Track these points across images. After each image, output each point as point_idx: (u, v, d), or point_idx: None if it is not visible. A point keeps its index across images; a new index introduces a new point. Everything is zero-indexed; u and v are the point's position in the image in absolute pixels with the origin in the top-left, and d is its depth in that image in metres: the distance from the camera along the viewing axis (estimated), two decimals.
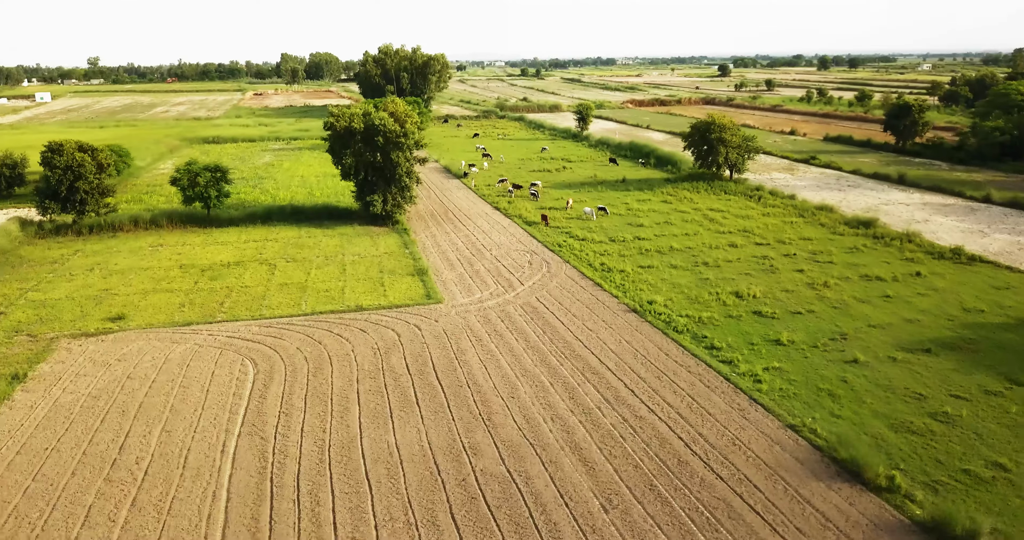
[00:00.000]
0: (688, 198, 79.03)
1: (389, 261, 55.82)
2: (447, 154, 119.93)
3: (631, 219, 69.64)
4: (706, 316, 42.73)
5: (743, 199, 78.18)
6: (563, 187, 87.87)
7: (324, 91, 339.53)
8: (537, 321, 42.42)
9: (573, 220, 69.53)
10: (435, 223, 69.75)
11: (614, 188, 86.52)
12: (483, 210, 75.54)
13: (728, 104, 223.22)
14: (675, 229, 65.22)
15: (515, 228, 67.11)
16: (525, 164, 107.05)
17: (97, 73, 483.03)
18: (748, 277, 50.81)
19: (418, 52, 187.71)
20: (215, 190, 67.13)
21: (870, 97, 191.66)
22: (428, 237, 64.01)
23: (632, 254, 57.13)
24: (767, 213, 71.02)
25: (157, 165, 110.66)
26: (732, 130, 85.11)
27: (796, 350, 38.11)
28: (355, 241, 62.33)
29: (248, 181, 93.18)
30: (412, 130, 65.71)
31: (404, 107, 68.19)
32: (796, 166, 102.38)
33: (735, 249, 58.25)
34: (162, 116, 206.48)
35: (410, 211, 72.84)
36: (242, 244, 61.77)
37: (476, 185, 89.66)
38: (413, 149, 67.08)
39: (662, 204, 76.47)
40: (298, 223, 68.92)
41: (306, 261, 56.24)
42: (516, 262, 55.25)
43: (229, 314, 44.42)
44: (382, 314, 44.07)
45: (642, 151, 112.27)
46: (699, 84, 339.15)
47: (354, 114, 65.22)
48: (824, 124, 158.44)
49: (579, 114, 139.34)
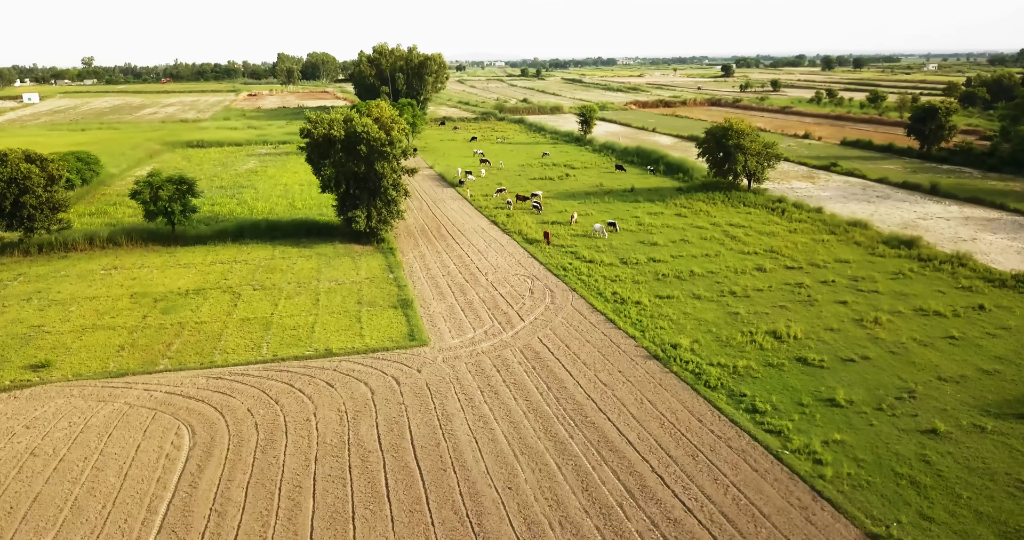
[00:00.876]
0: (704, 211, 72.01)
1: (370, 289, 48.82)
2: (442, 159, 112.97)
3: (643, 236, 62.65)
4: (742, 365, 35.75)
5: (765, 212, 71.16)
6: (566, 197, 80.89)
7: (320, 92, 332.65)
8: (540, 371, 35.44)
9: (579, 237, 62.56)
10: (425, 240, 62.77)
11: (622, 199, 79.54)
12: (479, 225, 68.55)
13: (735, 105, 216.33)
14: (693, 248, 58.23)
15: (514, 247, 60.15)
16: (525, 171, 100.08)
17: (91, 73, 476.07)
18: (784, 311, 43.82)
19: (414, 52, 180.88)
20: (179, 204, 60.15)
21: (883, 98, 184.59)
22: (417, 258, 57.05)
23: (647, 280, 50.14)
24: (794, 229, 64.03)
25: (132, 172, 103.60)
26: (751, 136, 78.13)
27: (857, 414, 31.12)
28: (334, 263, 55.35)
29: (226, 191, 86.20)
30: (399, 138, 58.76)
31: (390, 112, 61.31)
32: (816, 174, 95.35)
33: (764, 274, 51.26)
34: (149, 118, 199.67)
35: (398, 227, 65.87)
36: (207, 267, 54.80)
37: (472, 195, 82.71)
38: (400, 158, 60.15)
39: (676, 218, 69.46)
40: (273, 241, 61.95)
41: (276, 289, 49.25)
42: (515, 290, 48.28)
43: (174, 360, 37.44)
44: (356, 361, 37.09)
45: (650, 157, 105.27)
46: (703, 85, 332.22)
47: (334, 120, 58.27)
48: (838, 127, 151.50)
49: (582, 116, 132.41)
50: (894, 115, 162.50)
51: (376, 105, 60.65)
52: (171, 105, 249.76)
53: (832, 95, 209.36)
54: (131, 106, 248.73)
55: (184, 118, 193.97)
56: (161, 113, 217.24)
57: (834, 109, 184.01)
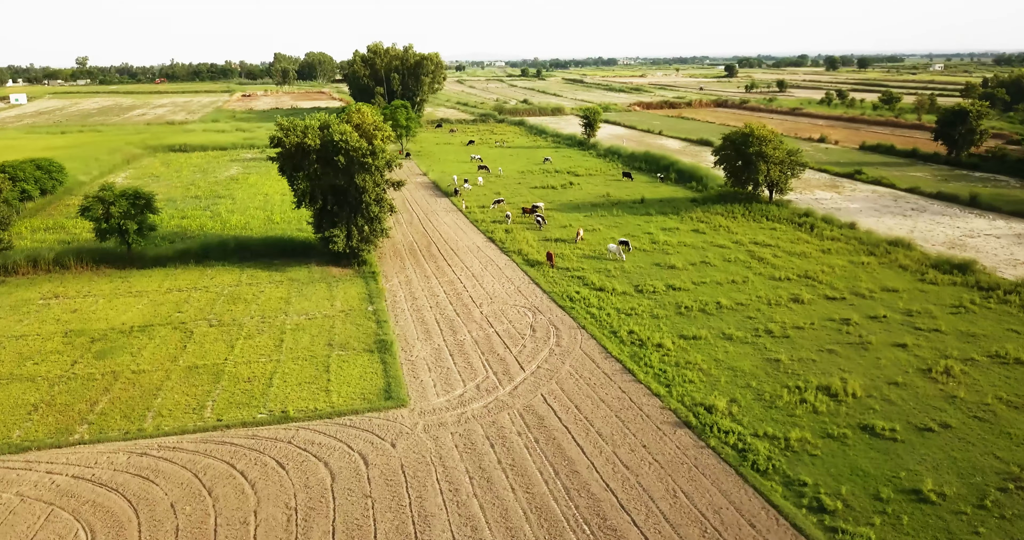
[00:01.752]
0: (724, 226, 64.99)
1: (344, 326, 41.82)
2: (437, 165, 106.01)
3: (659, 257, 55.68)
4: (795, 437, 28.76)
5: (791, 228, 64.15)
6: (570, 209, 73.90)
7: (316, 92, 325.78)
8: (545, 447, 28.46)
9: (586, 258, 55.55)
10: (414, 262, 55.78)
11: (631, 211, 72.53)
12: (475, 242, 61.56)
13: (741, 107, 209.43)
14: (716, 273, 51.24)
15: (513, 269, 53.17)
16: (526, 179, 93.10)
17: (84, 73, 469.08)
18: (833, 357, 36.83)
19: (410, 51, 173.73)
20: (135, 222, 53.17)
21: (897, 100, 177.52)
22: (402, 284, 50.06)
23: (668, 314, 43.13)
24: (827, 249, 57.02)
25: (107, 179, 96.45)
26: (773, 142, 71.12)
27: (955, 515, 24.15)
28: (307, 291, 48.35)
29: (201, 201, 79.27)
30: (382, 147, 51.72)
31: (373, 118, 54.26)
32: (840, 182, 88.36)
33: (802, 307, 44.24)
34: (137, 119, 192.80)
35: (383, 246, 58.90)
36: (161, 295, 47.81)
37: (468, 207, 75.71)
38: (384, 170, 53.15)
39: (693, 235, 62.47)
40: (242, 263, 54.96)
41: (235, 325, 42.26)
42: (514, 327, 41.29)
43: (95, 428, 30.48)
44: (317, 428, 30.12)
45: (659, 163, 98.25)
46: (706, 85, 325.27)
47: (308, 127, 51.28)
48: (853, 130, 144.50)
49: (585, 119, 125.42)
50: (911, 117, 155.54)
51: (357, 110, 53.47)
52: (162, 106, 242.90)
53: (843, 96, 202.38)
54: (121, 107, 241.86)
55: (172, 120, 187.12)
56: (150, 115, 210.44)
57: (847, 111, 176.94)
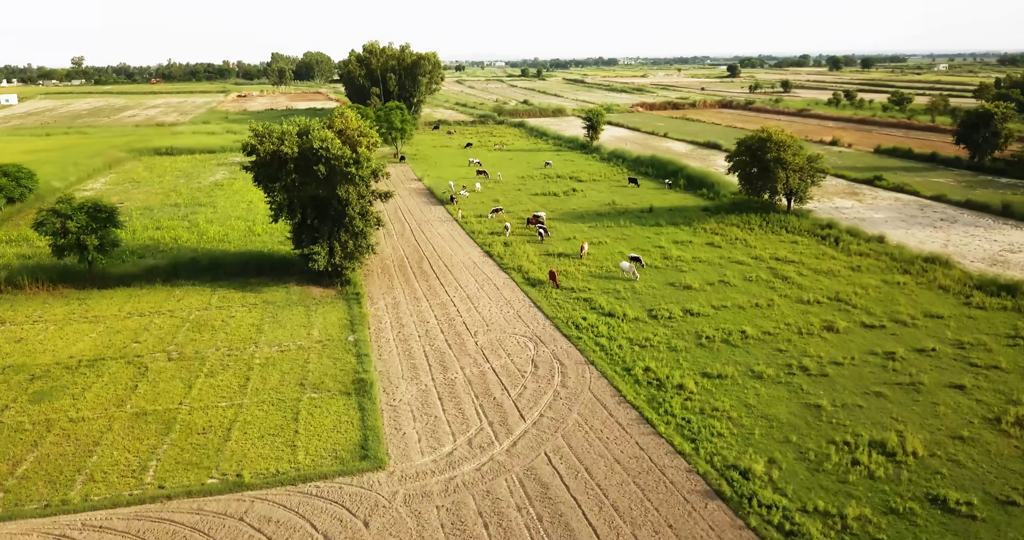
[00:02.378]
0: (741, 239, 60.00)
1: (321, 360, 36.85)
2: (434, 170, 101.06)
3: (672, 275, 50.69)
4: (852, 514, 23.78)
5: (814, 242, 59.14)
6: (574, 219, 68.93)
7: (313, 93, 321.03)
8: (551, 528, 23.45)
9: (593, 277, 50.56)
10: (403, 280, 50.79)
11: (640, 221, 67.54)
12: (471, 257, 56.58)
13: (747, 108, 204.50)
14: (738, 295, 46.25)
15: (512, 290, 48.18)
16: (526, 184, 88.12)
17: (80, 73, 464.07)
18: (882, 401, 31.85)
19: (407, 50, 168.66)
20: (95, 237, 48.17)
21: (908, 100, 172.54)
22: (389, 307, 45.07)
23: (687, 346, 38.14)
24: (856, 266, 52.02)
25: (84, 185, 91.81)
26: (793, 148, 66.11)
27: None
28: (283, 317, 43.35)
29: (180, 209, 74.32)
30: (367, 155, 46.69)
31: (357, 123, 49.28)
32: (859, 189, 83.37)
33: (837, 337, 39.26)
34: (128, 121, 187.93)
35: (370, 262, 53.93)
36: (120, 321, 42.84)
37: (464, 217, 70.73)
38: (370, 181, 48.15)
39: (709, 249, 57.47)
40: (214, 282, 49.98)
41: (197, 359, 37.30)
42: (513, 362, 36.32)
43: (9, 499, 25.46)
44: (276, 499, 25.13)
45: (666, 168, 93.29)
46: (709, 85, 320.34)
47: (285, 133, 46.27)
48: (865, 132, 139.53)
49: (588, 121, 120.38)
50: (924, 119, 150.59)
51: (340, 115, 48.51)
52: (155, 107, 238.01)
53: (851, 97, 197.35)
54: (112, 108, 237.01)
55: (163, 121, 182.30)
56: (141, 116, 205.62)
57: (856, 112, 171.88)
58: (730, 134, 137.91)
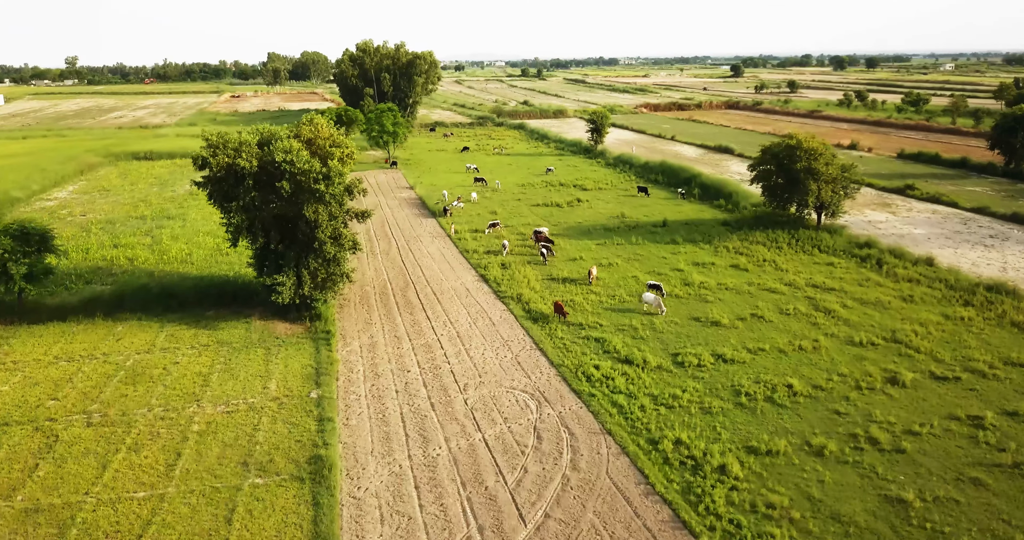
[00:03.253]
0: (769, 261, 53.04)
1: (274, 427, 29.89)
2: (428, 176, 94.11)
3: (696, 307, 43.73)
4: None
5: (853, 264, 52.17)
6: (579, 234, 62.00)
7: (308, 93, 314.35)
8: None
9: (605, 309, 43.57)
10: (384, 313, 43.83)
11: (653, 238, 60.59)
12: (463, 282, 49.62)
13: (754, 108, 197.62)
14: (775, 333, 39.30)
15: (511, 326, 41.23)
16: (526, 193, 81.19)
17: (73, 73, 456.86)
18: (984, 493, 24.89)
19: (402, 49, 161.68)
20: (24, 265, 41.23)
21: (925, 101, 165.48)
22: (364, 350, 38.13)
23: (725, 406, 31.19)
24: (908, 296, 45.03)
25: (49, 194, 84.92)
26: (826, 157, 59.15)
27: None
28: (237, 363, 36.40)
29: (145, 223, 67.44)
30: (339, 169, 39.69)
31: (329, 131, 42.31)
32: (891, 199, 76.39)
33: (905, 393, 32.31)
34: (113, 122, 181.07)
35: (347, 290, 46.97)
36: (43, 368, 35.89)
37: (459, 232, 63.77)
38: (343, 198, 41.17)
39: (734, 273, 50.51)
40: (164, 315, 43.01)
41: (123, 423, 30.34)
42: (512, 432, 29.36)
43: None
44: None
45: (678, 175, 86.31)
46: (712, 85, 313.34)
47: (243, 144, 39.31)
48: (882, 135, 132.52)
49: (592, 124, 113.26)
50: (943, 121, 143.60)
51: (308, 122, 41.51)
52: (144, 108, 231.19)
53: (862, 98, 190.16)
54: (100, 109, 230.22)
55: (149, 123, 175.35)
56: (128, 117, 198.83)
57: (870, 113, 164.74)
58: (741, 137, 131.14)
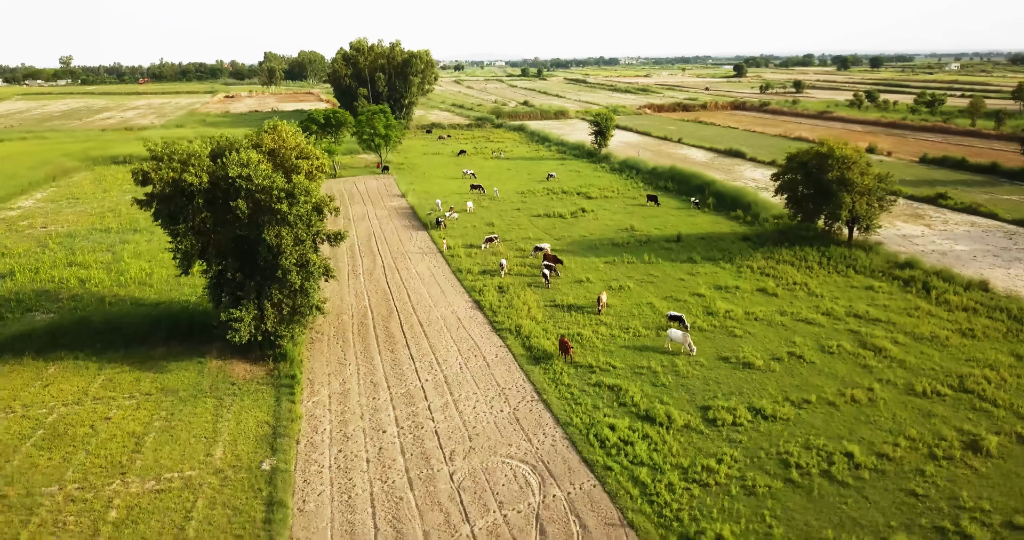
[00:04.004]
0: (800, 284, 46.98)
1: (210, 514, 23.84)
2: (421, 182, 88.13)
3: (724, 343, 37.69)
4: None
5: (897, 288, 46.09)
6: (585, 250, 55.99)
7: (304, 93, 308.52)
8: None
9: (619, 346, 37.54)
10: (361, 350, 37.80)
11: (667, 255, 54.57)
12: (455, 310, 43.59)
13: (762, 109, 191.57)
14: (820, 379, 33.28)
15: (508, 367, 35.20)
16: (526, 202, 75.19)
17: (67, 73, 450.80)
18: None
19: (397, 48, 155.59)
20: None
21: (940, 102, 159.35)
22: (333, 402, 32.10)
23: (774, 485, 25.11)
24: (967, 330, 38.94)
25: (12, 202, 79.03)
26: (860, 166, 53.13)
27: None
28: (181, 417, 30.38)
29: (109, 236, 61.64)
30: (305, 186, 33.60)
31: (296, 140, 36.28)
32: (923, 210, 70.30)
33: (992, 465, 26.27)
34: (99, 123, 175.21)
35: (321, 322, 40.92)
36: None
37: (452, 248, 57.78)
38: (312, 219, 35.10)
39: (763, 299, 44.47)
40: (105, 354, 36.97)
41: (24, 508, 24.32)
42: (508, 525, 23.32)
43: None
44: None
45: (690, 183, 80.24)
46: (715, 85, 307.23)
47: (192, 156, 33.28)
48: (899, 137, 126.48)
49: (596, 126, 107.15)
50: (962, 122, 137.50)
51: (270, 129, 35.45)
52: (135, 108, 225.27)
53: (873, 98, 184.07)
54: (90, 109, 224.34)
55: (136, 124, 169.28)
56: (117, 118, 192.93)
57: (884, 114, 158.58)
58: (751, 140, 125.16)
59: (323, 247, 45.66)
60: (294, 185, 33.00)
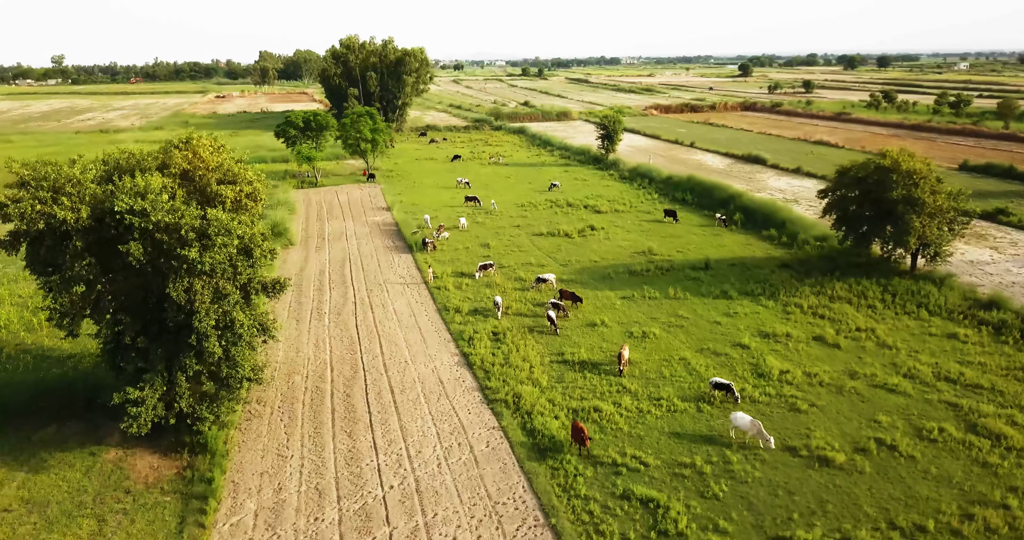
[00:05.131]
0: (865, 329, 37.91)
1: None
2: (410, 193, 79.18)
3: (786, 421, 28.68)
4: None
5: (987, 337, 37.02)
6: (597, 280, 46.97)
7: (298, 93, 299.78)
8: None
9: (648, 427, 28.53)
10: (311, 431, 28.77)
11: (696, 287, 45.51)
12: (437, 367, 34.58)
13: (775, 110, 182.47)
14: (928, 485, 24.31)
15: (503, 467, 26.22)
16: (527, 217, 66.21)
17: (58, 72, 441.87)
18: None
19: (389, 46, 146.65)
20: None
21: (967, 103, 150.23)
22: (258, 524, 23.11)
23: None
24: None
25: None
26: (930, 183, 44.18)
27: None
28: None
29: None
30: (224, 225, 24.50)
31: (216, 158, 27.24)
32: (983, 228, 61.17)
33: None
34: (77, 125, 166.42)
35: (262, 392, 31.90)
36: None
37: (439, 277, 48.78)
38: (240, 267, 26.03)
39: (821, 351, 35.42)
40: None
41: None
42: None
43: None
44: None
45: (711, 195, 71.18)
46: (721, 85, 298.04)
47: (69, 181, 24.34)
48: (928, 142, 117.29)
49: (604, 129, 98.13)
50: (994, 125, 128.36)
51: (182, 143, 26.35)
52: (119, 109, 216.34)
53: (890, 99, 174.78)
54: (73, 110, 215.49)
55: (113, 127, 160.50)
56: (98, 119, 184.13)
57: (906, 117, 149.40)
58: (769, 144, 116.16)
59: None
60: (209, 222, 23.97)
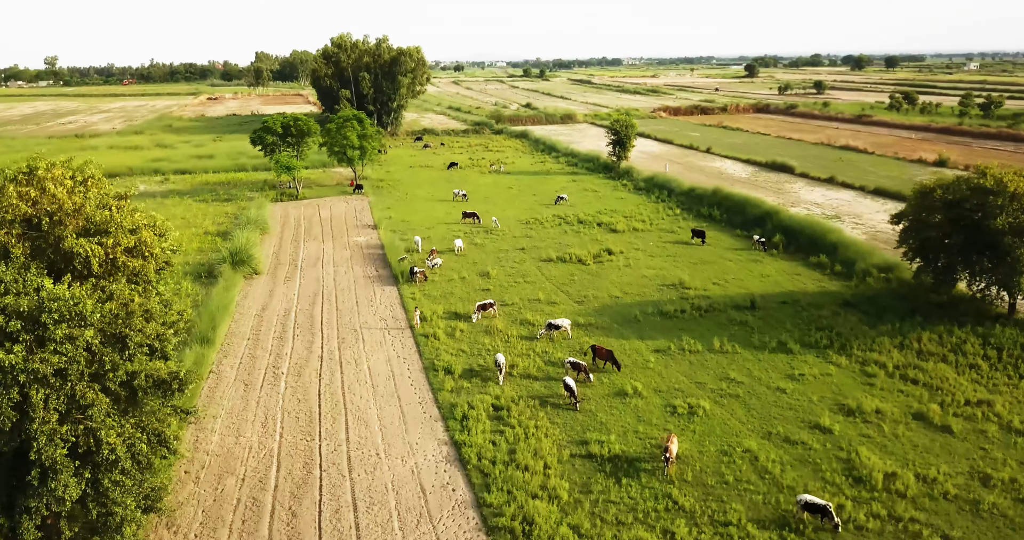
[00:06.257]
0: (980, 404, 29.11)
1: None
2: (400, 207, 70.44)
3: None
4: None
5: None
6: (622, 325, 38.12)
7: (293, 94, 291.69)
8: None
9: None
10: None
11: (745, 336, 36.67)
12: (416, 468, 25.75)
13: (790, 112, 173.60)
14: None
15: None
16: (533, 237, 57.46)
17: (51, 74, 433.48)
18: None
19: (383, 44, 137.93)
20: None
21: (998, 104, 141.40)
22: None
23: None
24: None
25: None
26: None
27: None
28: None
29: None
30: (77, 307, 15.77)
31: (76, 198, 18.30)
32: None
33: None
34: (56, 129, 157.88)
35: (168, 511, 23.13)
36: None
37: (425, 318, 39.94)
38: (116, 362, 17.22)
39: (931, 440, 26.58)
40: None
41: None
42: None
43: None
44: None
45: (743, 211, 62.25)
46: (727, 86, 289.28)
47: None
48: (962, 146, 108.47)
49: (615, 134, 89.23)
50: None
51: (23, 173, 17.61)
52: (104, 112, 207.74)
53: (911, 100, 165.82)
54: (56, 113, 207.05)
55: (92, 131, 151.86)
56: (80, 123, 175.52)
57: (933, 119, 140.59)
58: (792, 149, 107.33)
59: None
60: (42, 302, 15.16)
